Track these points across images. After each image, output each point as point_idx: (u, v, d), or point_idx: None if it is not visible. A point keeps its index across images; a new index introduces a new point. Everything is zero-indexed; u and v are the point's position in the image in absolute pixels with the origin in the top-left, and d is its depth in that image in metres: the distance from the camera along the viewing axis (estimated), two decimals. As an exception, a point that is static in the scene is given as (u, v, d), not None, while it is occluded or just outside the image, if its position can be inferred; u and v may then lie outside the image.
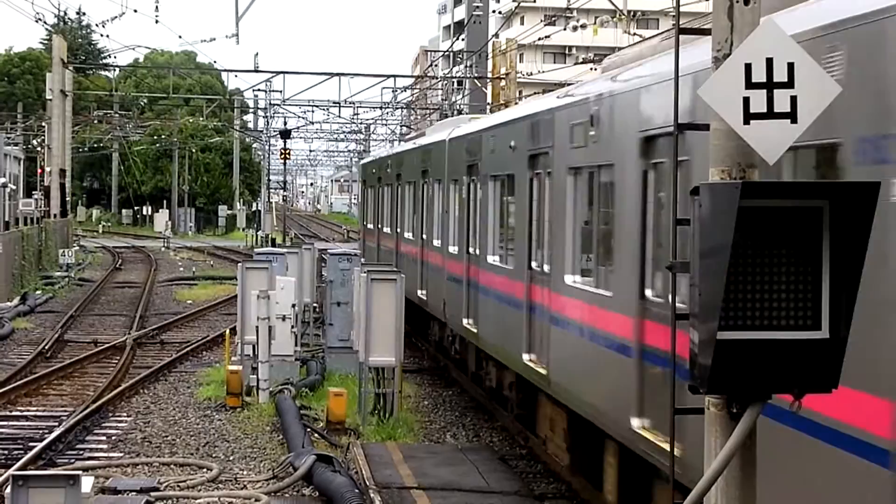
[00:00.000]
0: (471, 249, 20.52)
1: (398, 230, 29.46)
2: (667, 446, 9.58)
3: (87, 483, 9.83)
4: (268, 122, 76.91)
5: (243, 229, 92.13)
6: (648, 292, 11.48)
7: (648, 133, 11.41)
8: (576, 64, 62.74)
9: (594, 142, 13.13)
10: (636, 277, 11.64)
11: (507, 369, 18.18)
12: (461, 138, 22.09)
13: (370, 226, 35.89)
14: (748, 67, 6.33)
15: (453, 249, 22.14)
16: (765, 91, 6.34)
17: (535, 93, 43.99)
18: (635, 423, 11.48)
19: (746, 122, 6.36)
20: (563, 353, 14.36)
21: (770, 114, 6.34)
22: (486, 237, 19.24)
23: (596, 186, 13.37)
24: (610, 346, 12.39)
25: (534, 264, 16.05)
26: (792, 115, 6.35)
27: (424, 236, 25.48)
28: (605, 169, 12.88)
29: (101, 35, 64.19)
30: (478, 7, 53.58)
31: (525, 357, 16.14)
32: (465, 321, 20.62)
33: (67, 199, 62.99)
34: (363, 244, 38.13)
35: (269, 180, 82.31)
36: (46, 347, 27.84)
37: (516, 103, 43.90)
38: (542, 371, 15.24)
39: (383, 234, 32.36)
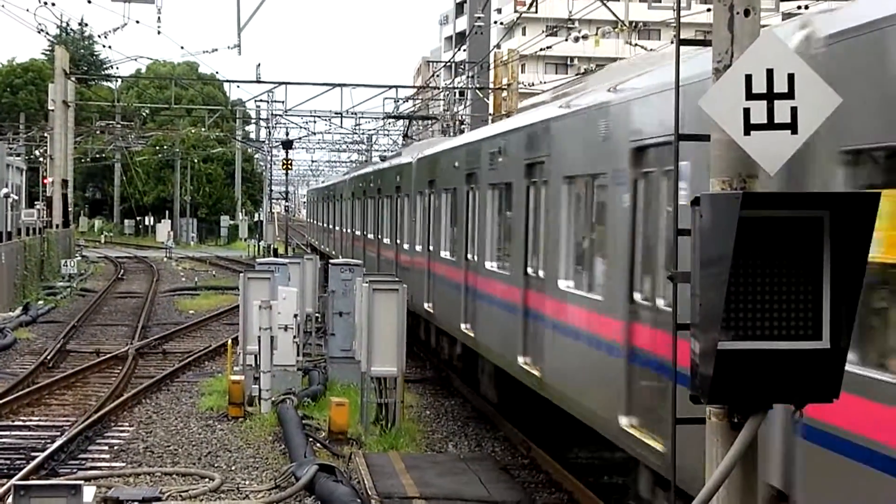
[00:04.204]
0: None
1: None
2: None
3: (88, 493, 9.84)
4: (270, 133, 76.93)
5: (245, 239, 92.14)
6: None
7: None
8: (577, 75, 62.73)
9: None
10: None
11: None
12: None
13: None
14: (748, 78, 6.36)
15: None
16: (765, 102, 6.37)
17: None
18: None
19: (747, 132, 6.38)
20: None
21: (770, 124, 6.37)
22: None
23: None
24: None
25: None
26: (792, 126, 6.38)
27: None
28: None
29: (104, 46, 64.46)
30: (479, 18, 53.56)
31: None
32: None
33: (70, 209, 62.98)
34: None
35: (270, 190, 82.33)
36: (49, 357, 27.83)
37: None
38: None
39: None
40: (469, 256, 20.56)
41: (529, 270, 16.32)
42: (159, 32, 41.60)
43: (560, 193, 14.54)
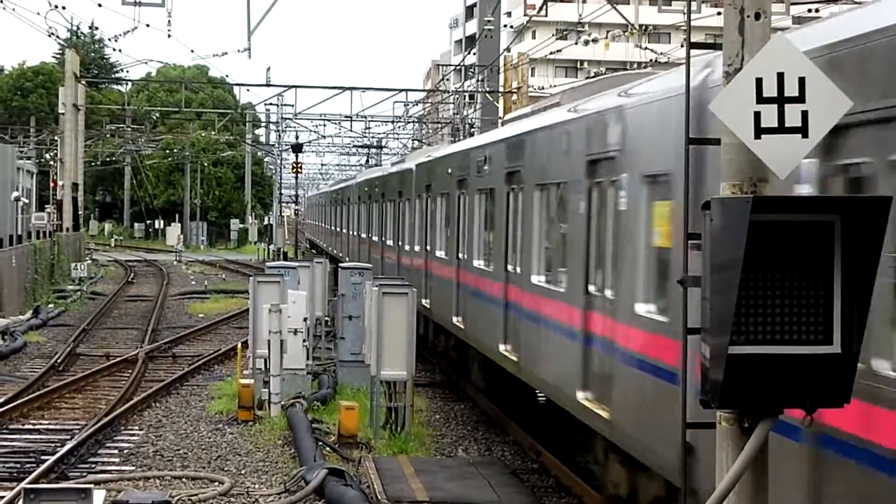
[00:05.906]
0: None
1: None
2: None
3: (98, 496, 9.84)
4: (279, 136, 76.97)
5: (255, 243, 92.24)
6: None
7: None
8: (587, 78, 62.69)
9: None
10: None
11: None
12: None
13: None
14: (759, 82, 6.34)
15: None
16: (776, 106, 6.34)
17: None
18: None
19: (758, 136, 6.36)
20: None
21: (781, 128, 6.34)
22: None
23: None
24: None
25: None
26: (803, 130, 6.35)
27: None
28: None
29: (114, 49, 64.56)
30: (489, 21, 53.57)
31: None
32: None
33: (80, 212, 63.10)
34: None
35: (280, 194, 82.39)
36: (59, 361, 27.85)
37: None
38: None
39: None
40: (367, 235, 39.12)
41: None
42: (169, 36, 41.62)
43: (387, 210, 32.94)
